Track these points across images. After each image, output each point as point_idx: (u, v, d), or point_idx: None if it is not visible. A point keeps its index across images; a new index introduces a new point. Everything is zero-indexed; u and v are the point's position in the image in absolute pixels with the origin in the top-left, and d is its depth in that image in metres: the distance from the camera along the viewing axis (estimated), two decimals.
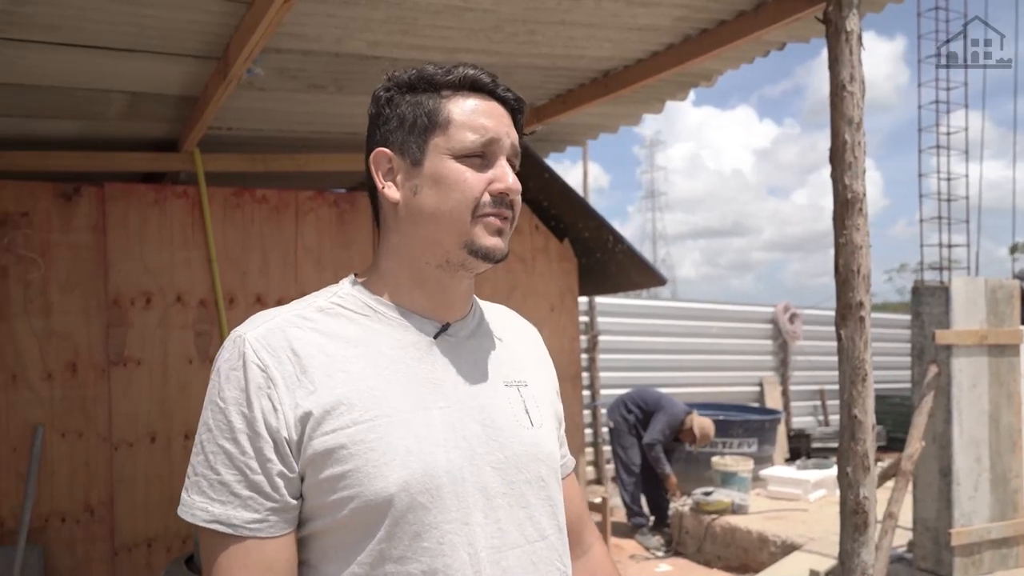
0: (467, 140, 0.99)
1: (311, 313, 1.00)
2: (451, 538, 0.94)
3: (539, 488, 1.04)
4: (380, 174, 1.02)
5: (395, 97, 1.03)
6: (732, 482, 6.04)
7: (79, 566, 3.43)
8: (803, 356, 9.76)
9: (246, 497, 0.91)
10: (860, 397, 2.26)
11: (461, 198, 0.99)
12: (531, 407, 1.09)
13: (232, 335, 0.97)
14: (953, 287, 4.17)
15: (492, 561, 0.96)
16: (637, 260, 4.40)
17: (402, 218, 1.02)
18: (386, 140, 1.02)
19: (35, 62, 2.56)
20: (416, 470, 0.93)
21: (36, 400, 3.38)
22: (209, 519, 0.91)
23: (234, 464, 0.91)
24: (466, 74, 1.02)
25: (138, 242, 3.57)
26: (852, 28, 2.33)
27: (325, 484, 0.92)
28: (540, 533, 1.03)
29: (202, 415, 0.96)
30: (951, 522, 4.06)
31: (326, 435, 0.92)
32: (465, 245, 1.00)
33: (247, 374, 0.93)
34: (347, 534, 0.93)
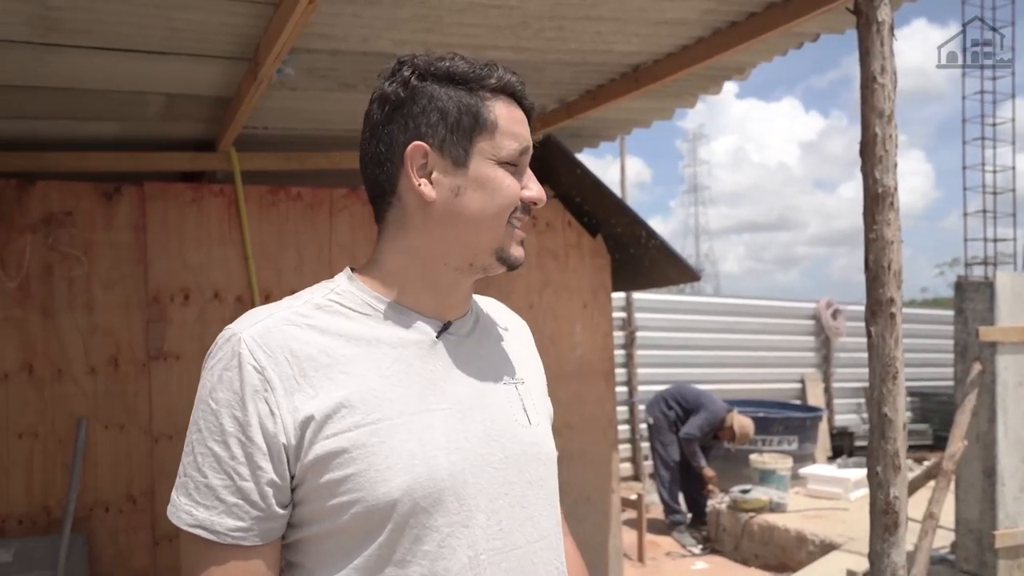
0: (510, 147, 0.99)
1: (308, 310, 0.98)
2: (452, 541, 0.93)
3: (539, 488, 1.04)
4: (415, 168, 0.98)
5: (430, 88, 0.98)
6: (770, 480, 5.97)
7: (122, 554, 3.53)
8: (846, 353, 9.58)
9: (232, 504, 0.89)
10: (891, 395, 2.22)
11: (504, 204, 0.99)
12: (528, 405, 1.08)
13: (225, 333, 0.95)
14: (998, 282, 4.06)
15: (493, 563, 0.96)
16: (670, 255, 4.36)
17: (434, 218, 0.99)
18: (422, 134, 0.98)
19: (75, 66, 2.63)
20: (420, 475, 0.91)
21: (80, 394, 3.48)
22: (192, 523, 0.90)
23: (222, 468, 0.90)
24: (506, 79, 1.00)
25: (177, 240, 3.65)
26: (884, 19, 2.28)
27: (325, 489, 0.90)
28: (540, 533, 1.03)
29: (192, 413, 0.95)
30: (995, 523, 3.96)
31: (327, 439, 0.90)
32: (496, 251, 1.01)
33: (243, 376, 0.91)
34: (346, 538, 0.92)
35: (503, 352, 1.11)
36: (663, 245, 4.32)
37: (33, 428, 3.41)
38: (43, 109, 3.11)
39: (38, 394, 3.42)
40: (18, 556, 3.22)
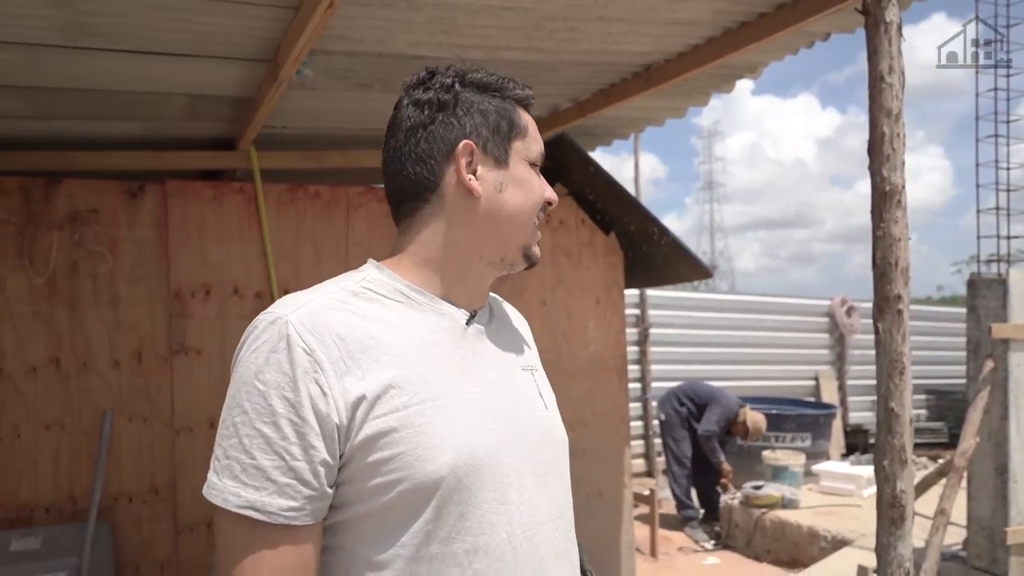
0: (537, 150, 1.11)
1: (345, 296, 1.01)
2: (491, 517, 0.97)
3: (557, 467, 1.10)
4: (463, 165, 1.05)
5: (471, 94, 1.07)
6: (783, 476, 6.00)
7: (145, 543, 3.62)
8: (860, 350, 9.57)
9: (283, 484, 0.90)
10: (897, 391, 2.25)
11: (536, 200, 1.09)
12: (543, 390, 1.15)
13: (268, 316, 0.96)
14: (1011, 280, 4.08)
15: (526, 537, 1.01)
16: (683, 253, 4.40)
17: (478, 212, 1.06)
18: (468, 133, 1.05)
19: (103, 68, 2.71)
20: (463, 453, 0.95)
21: (105, 387, 3.57)
22: (242, 504, 0.90)
23: (272, 449, 0.90)
24: (525, 92, 1.12)
25: (198, 237, 3.74)
26: (891, 19, 2.31)
27: (370, 468, 0.93)
28: (560, 510, 1.09)
29: (231, 397, 0.95)
30: (1007, 520, 3.98)
31: (378, 419, 0.93)
32: (523, 248, 1.10)
33: (292, 357, 0.92)
34: (391, 517, 0.94)
35: (517, 342, 1.18)
36: (676, 242, 4.36)
37: (59, 420, 3.51)
38: (71, 109, 3.19)
39: (64, 387, 3.52)
40: (45, 544, 3.31)
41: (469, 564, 0.95)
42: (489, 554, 0.97)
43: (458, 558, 0.95)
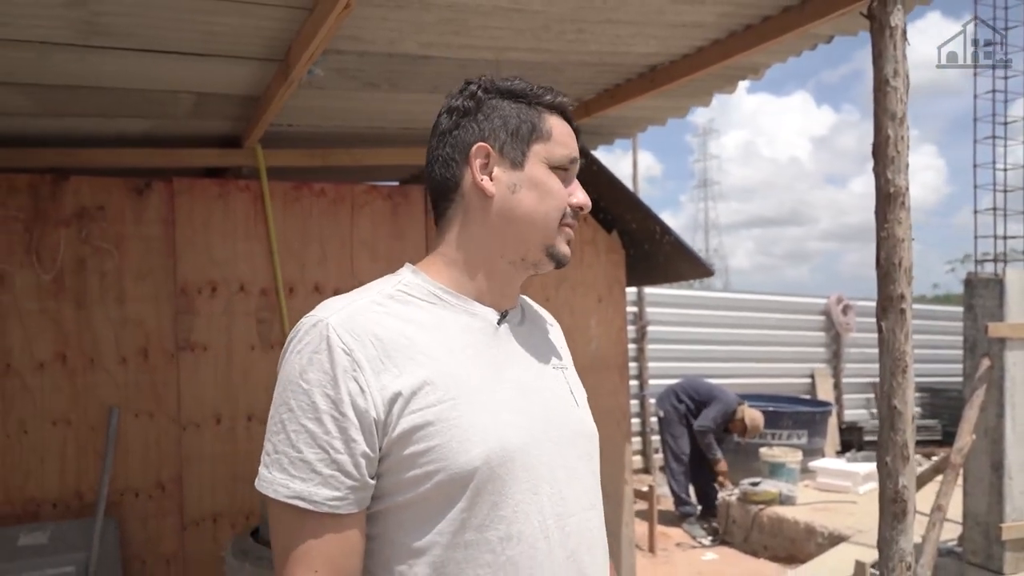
0: (562, 154, 1.12)
1: (383, 299, 1.06)
2: (524, 507, 1.02)
3: (588, 461, 1.15)
4: (477, 166, 1.10)
5: (495, 100, 1.12)
6: (780, 473, 6.05)
7: (151, 538, 3.65)
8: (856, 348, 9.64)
9: (328, 475, 0.96)
10: (900, 388, 2.30)
11: (555, 204, 1.11)
12: (573, 388, 1.20)
13: (310, 320, 1.02)
14: (1007, 279, 4.13)
15: (558, 527, 1.05)
16: (684, 251, 4.44)
17: (493, 212, 1.10)
18: (486, 136, 1.10)
19: (114, 67, 2.73)
20: (494, 445, 1.00)
21: (112, 383, 3.60)
22: (290, 495, 0.96)
23: (317, 443, 0.96)
24: (559, 100, 1.15)
25: (204, 234, 3.76)
26: (896, 24, 2.35)
27: (408, 460, 0.98)
28: (591, 501, 1.14)
29: (279, 395, 1.01)
30: (1002, 516, 4.04)
31: (413, 413, 0.98)
32: (546, 248, 1.12)
33: (333, 357, 0.97)
34: (428, 506, 0.99)
35: (548, 341, 1.23)
36: (677, 241, 4.40)
37: (66, 416, 3.53)
38: (79, 107, 3.21)
39: (71, 383, 3.54)
40: (53, 538, 3.33)
41: (502, 551, 1.00)
42: (522, 541, 1.01)
43: (491, 545, 1.00)
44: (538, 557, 1.02)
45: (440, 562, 0.99)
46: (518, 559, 1.01)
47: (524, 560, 1.01)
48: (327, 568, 0.97)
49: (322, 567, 0.97)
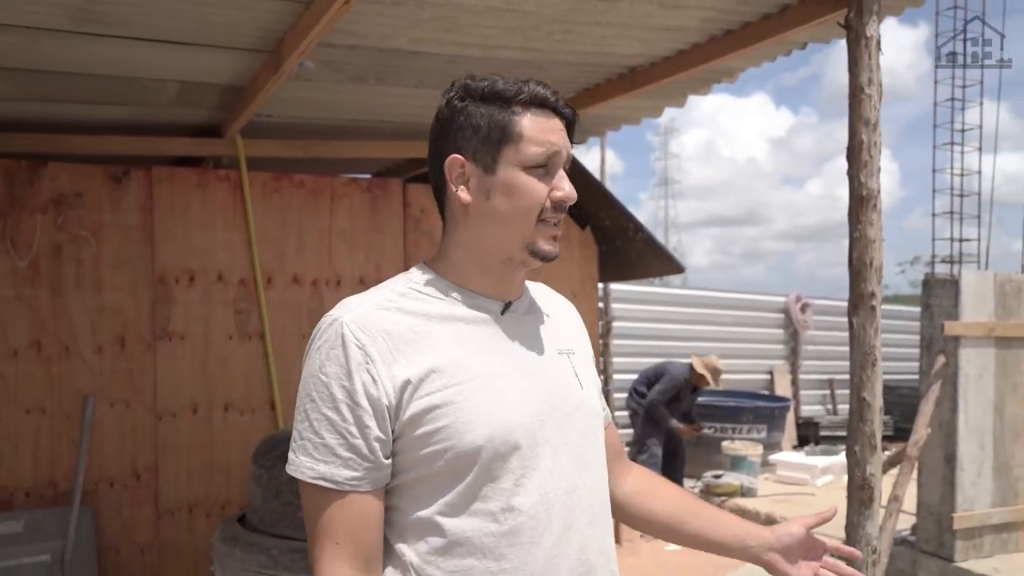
0: (535, 153, 1.14)
1: (394, 297, 1.15)
2: (525, 481, 1.11)
3: (591, 440, 1.23)
4: (453, 176, 1.16)
5: (469, 107, 1.15)
6: (742, 466, 6.22)
7: (126, 527, 3.64)
8: (813, 346, 9.89)
9: (347, 458, 1.07)
10: (869, 381, 2.42)
11: (529, 205, 1.14)
12: (579, 371, 1.26)
13: (327, 319, 1.12)
14: (963, 280, 4.31)
15: (559, 500, 1.14)
16: (656, 248, 4.55)
17: (472, 218, 1.16)
18: (459, 147, 1.15)
19: (102, 54, 2.73)
20: (498, 425, 1.09)
21: (87, 371, 3.58)
22: (315, 476, 1.07)
23: (336, 430, 1.07)
24: (535, 92, 1.15)
25: (183, 223, 3.75)
26: (872, 34, 2.47)
27: (419, 440, 1.07)
28: (594, 478, 1.22)
29: (303, 388, 1.11)
30: (954, 507, 4.23)
31: (421, 398, 1.07)
32: (527, 247, 1.16)
33: (347, 353, 1.07)
34: (438, 481, 1.09)
35: (555, 328, 1.29)
36: (649, 238, 4.51)
37: (40, 404, 3.51)
38: (62, 93, 3.19)
39: (46, 371, 3.51)
40: (27, 527, 3.31)
41: (505, 520, 1.09)
42: (523, 513, 1.10)
43: (495, 515, 1.09)
44: (539, 528, 1.11)
45: (449, 531, 1.09)
46: (520, 529, 1.10)
47: (525, 530, 1.10)
48: (348, 539, 1.07)
49: (344, 538, 1.07)
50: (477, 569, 1.08)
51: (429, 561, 1.09)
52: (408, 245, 4.23)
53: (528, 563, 1.10)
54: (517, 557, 1.09)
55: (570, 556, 1.14)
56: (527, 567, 1.10)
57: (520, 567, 1.10)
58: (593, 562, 1.18)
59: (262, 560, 2.24)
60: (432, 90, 3.42)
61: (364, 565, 1.08)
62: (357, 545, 1.08)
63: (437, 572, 1.08)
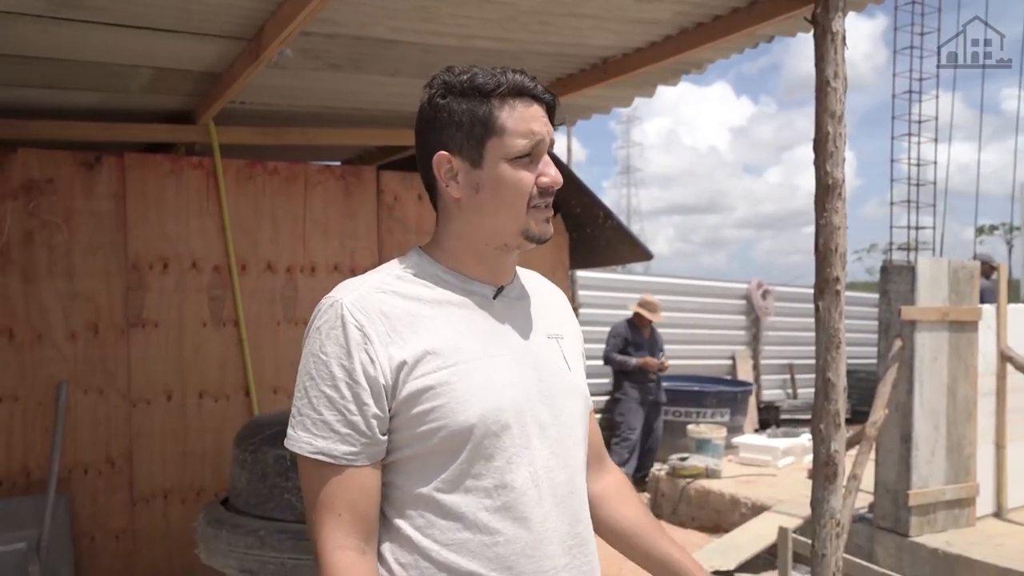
0: (519, 145, 1.17)
1: (391, 280, 1.20)
2: (516, 459, 1.17)
3: (578, 421, 1.29)
4: (442, 173, 1.20)
5: (450, 103, 1.18)
6: (706, 449, 6.36)
7: (100, 514, 3.64)
8: (774, 332, 10.11)
9: (344, 434, 1.11)
10: (834, 362, 2.53)
11: (517, 194, 1.19)
12: (568, 355, 1.32)
13: (327, 301, 1.17)
14: (919, 267, 4.48)
15: (548, 478, 1.20)
16: (625, 235, 4.64)
17: (464, 211, 1.21)
18: (445, 144, 1.19)
19: (78, 39, 2.71)
20: (490, 405, 1.15)
21: (60, 358, 3.56)
22: (313, 451, 1.12)
23: (334, 407, 1.11)
24: (514, 82, 1.18)
25: (156, 210, 3.74)
26: (837, 29, 2.56)
27: (415, 419, 1.13)
28: (580, 458, 1.29)
29: (303, 366, 1.16)
30: (909, 484, 4.40)
31: (417, 379, 1.12)
32: (522, 232, 1.21)
33: (347, 333, 1.12)
34: (433, 458, 1.14)
35: (545, 313, 1.35)
36: (619, 225, 4.60)
37: (13, 392, 3.48)
38: (34, 78, 3.16)
39: (18, 358, 3.49)
40: (2, 515, 3.30)
41: (497, 496, 1.15)
42: (514, 489, 1.16)
43: (488, 491, 1.15)
44: (529, 503, 1.17)
45: (443, 505, 1.14)
46: (511, 504, 1.16)
47: (516, 505, 1.16)
48: (348, 510, 1.12)
49: (344, 510, 1.12)
50: (472, 542, 1.14)
51: (427, 534, 1.14)
52: (382, 232, 4.26)
53: (521, 537, 1.16)
54: (510, 531, 1.15)
55: (560, 530, 1.21)
56: (520, 540, 1.16)
57: (513, 540, 1.15)
58: (583, 535, 1.26)
59: (249, 541, 2.27)
60: (408, 79, 3.45)
61: (364, 534, 1.13)
62: (356, 516, 1.12)
63: (434, 545, 1.13)
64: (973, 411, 4.59)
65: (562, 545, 1.21)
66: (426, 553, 1.14)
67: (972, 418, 4.59)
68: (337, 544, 1.11)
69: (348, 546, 1.11)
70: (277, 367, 3.98)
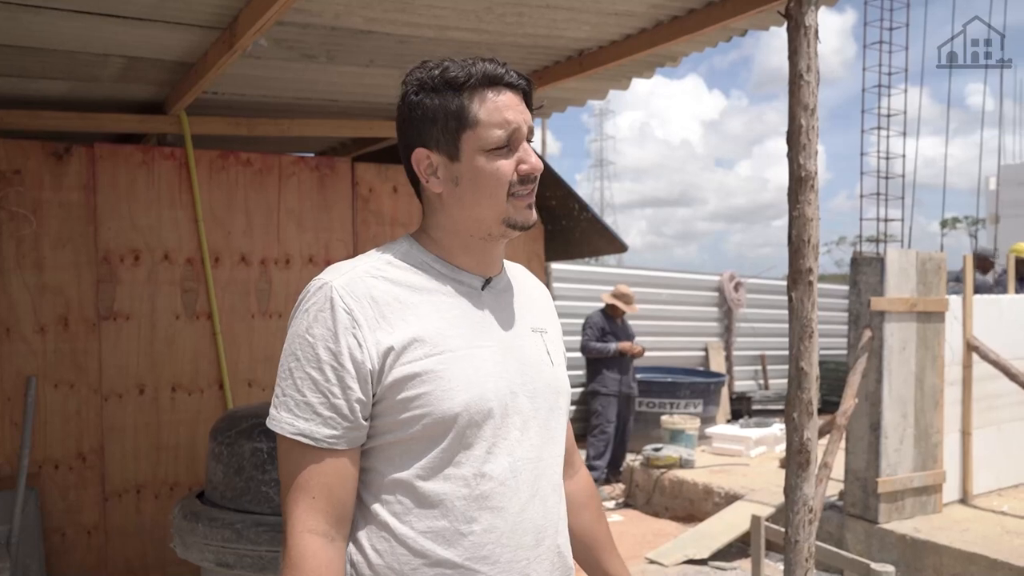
0: (494, 136, 1.17)
1: (381, 265, 1.19)
2: (495, 449, 1.18)
3: (558, 415, 1.31)
4: (422, 169, 1.21)
5: (423, 100, 1.19)
6: (680, 439, 6.43)
7: (71, 510, 3.59)
8: (746, 323, 10.23)
9: (327, 417, 1.12)
10: (807, 352, 2.57)
11: (497, 184, 1.19)
12: (551, 349, 1.34)
13: (316, 282, 1.16)
14: (888, 258, 4.56)
15: (526, 469, 1.22)
16: (600, 228, 4.67)
17: (447, 204, 1.22)
18: (423, 140, 1.20)
19: (47, 27, 2.66)
20: (474, 395, 1.16)
21: (29, 352, 3.50)
22: (294, 432, 1.12)
23: (318, 389, 1.12)
24: (485, 71, 1.18)
25: (127, 201, 3.69)
26: (811, 23, 2.59)
27: (399, 405, 1.13)
28: (559, 451, 1.31)
29: (287, 347, 1.16)
30: (878, 472, 4.49)
31: (404, 365, 1.13)
32: (504, 220, 1.21)
33: (335, 316, 1.12)
34: (415, 444, 1.15)
35: (529, 306, 1.36)
36: (594, 218, 4.62)
37: None
38: (4, 67, 3.09)
39: None
40: None
41: (476, 485, 1.16)
42: (493, 479, 1.17)
43: (467, 480, 1.16)
44: (507, 493, 1.19)
45: (422, 491, 1.15)
46: (489, 493, 1.17)
47: (494, 495, 1.17)
48: (324, 494, 1.12)
49: (319, 493, 1.12)
50: (449, 530, 1.15)
51: (404, 521, 1.14)
52: (357, 224, 4.25)
53: (497, 526, 1.17)
54: (487, 520, 1.16)
55: (535, 520, 1.22)
56: (496, 529, 1.17)
57: (489, 529, 1.17)
58: (556, 525, 1.27)
59: (226, 535, 2.26)
60: (383, 69, 3.43)
61: (336, 520, 1.13)
62: (331, 501, 1.12)
63: (410, 532, 1.14)
64: (940, 400, 4.69)
65: (536, 536, 1.22)
66: (402, 540, 1.15)
67: (939, 407, 4.69)
68: (307, 527, 1.11)
69: (317, 531, 1.12)
70: (251, 360, 3.95)
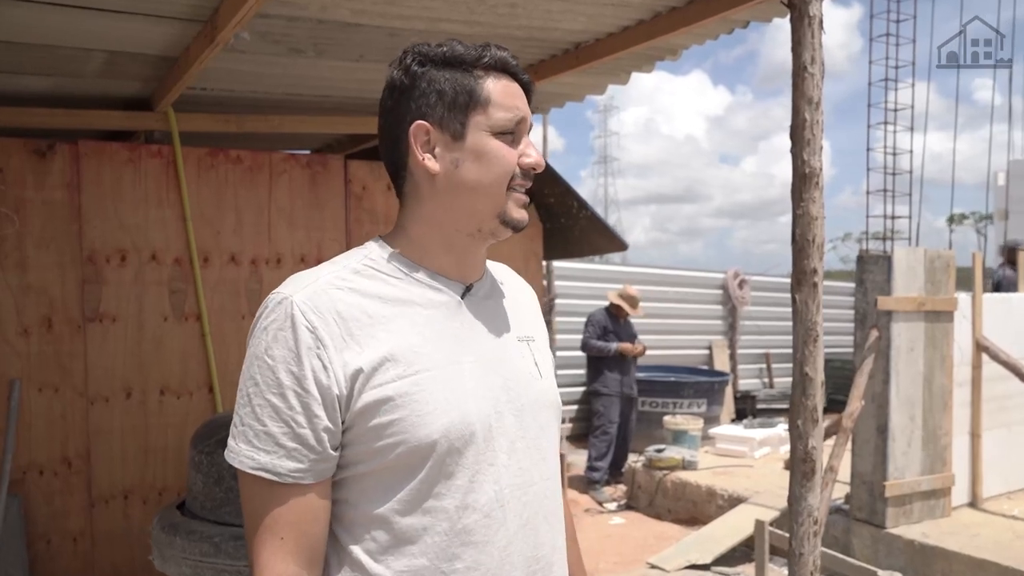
0: (504, 118, 1.08)
1: (348, 275, 1.07)
2: (480, 477, 1.06)
3: (549, 433, 1.18)
4: (419, 145, 1.08)
5: (430, 71, 1.08)
6: (683, 440, 6.34)
7: (57, 516, 3.51)
8: (751, 321, 10.12)
9: (291, 448, 0.99)
10: (811, 356, 2.46)
11: (501, 171, 1.09)
12: (539, 360, 1.21)
13: (275, 297, 1.04)
14: (895, 256, 4.45)
15: (514, 497, 1.09)
16: (600, 225, 4.56)
17: (440, 188, 1.09)
18: (424, 113, 1.08)
19: (27, 21, 2.57)
20: (454, 418, 1.03)
21: (13, 354, 3.41)
22: (255, 467, 1.00)
23: (280, 417, 1.00)
24: (498, 56, 1.10)
25: (113, 200, 3.60)
26: (815, 14, 2.48)
27: (372, 432, 1.01)
28: (551, 471, 1.17)
29: (246, 370, 1.04)
30: (885, 475, 4.38)
31: (375, 389, 1.01)
32: (499, 215, 1.10)
33: (296, 335, 1.00)
34: (390, 475, 1.03)
35: (515, 313, 1.23)
36: (593, 216, 4.52)
37: None
38: None
39: None
40: None
41: (459, 519, 1.04)
42: (477, 511, 1.05)
43: (448, 513, 1.04)
44: (493, 526, 1.06)
45: (399, 527, 1.03)
46: (473, 527, 1.05)
47: (479, 528, 1.05)
48: (292, 534, 1.01)
49: (288, 533, 1.01)
50: (429, 569, 1.03)
51: (379, 560, 1.03)
52: (350, 223, 4.15)
53: (482, 563, 1.06)
54: (471, 557, 1.05)
55: (525, 553, 1.10)
56: (481, 567, 1.05)
57: (473, 567, 1.05)
58: (549, 558, 1.15)
59: (204, 548, 2.17)
60: (373, 64, 3.33)
61: (308, 561, 1.02)
62: (300, 541, 1.01)
63: (387, 572, 1.03)
64: (949, 401, 4.58)
65: (526, 571, 1.10)
66: None
67: (948, 408, 4.58)
68: (276, 571, 1.00)
69: (288, 574, 1.00)
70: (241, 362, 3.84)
